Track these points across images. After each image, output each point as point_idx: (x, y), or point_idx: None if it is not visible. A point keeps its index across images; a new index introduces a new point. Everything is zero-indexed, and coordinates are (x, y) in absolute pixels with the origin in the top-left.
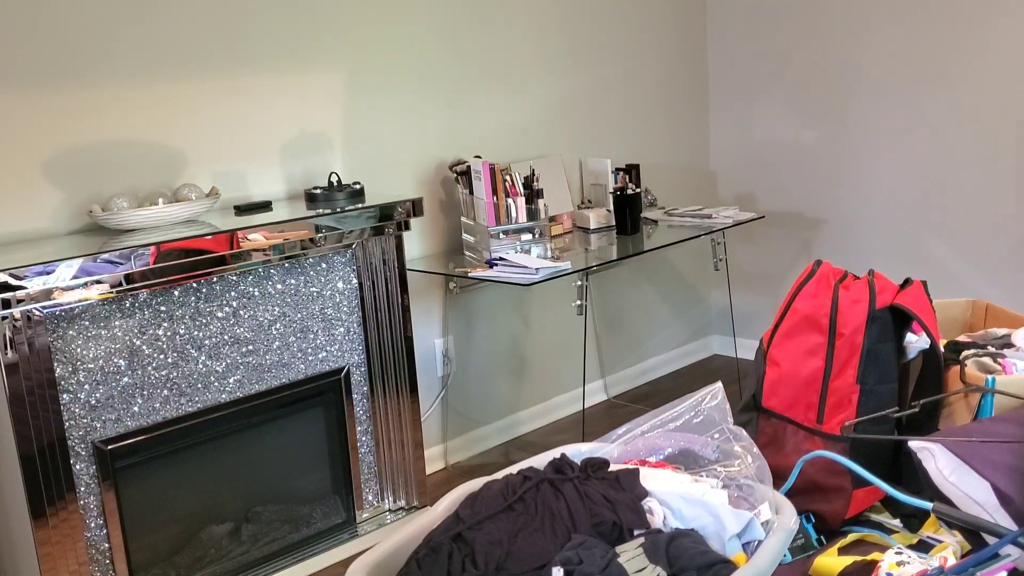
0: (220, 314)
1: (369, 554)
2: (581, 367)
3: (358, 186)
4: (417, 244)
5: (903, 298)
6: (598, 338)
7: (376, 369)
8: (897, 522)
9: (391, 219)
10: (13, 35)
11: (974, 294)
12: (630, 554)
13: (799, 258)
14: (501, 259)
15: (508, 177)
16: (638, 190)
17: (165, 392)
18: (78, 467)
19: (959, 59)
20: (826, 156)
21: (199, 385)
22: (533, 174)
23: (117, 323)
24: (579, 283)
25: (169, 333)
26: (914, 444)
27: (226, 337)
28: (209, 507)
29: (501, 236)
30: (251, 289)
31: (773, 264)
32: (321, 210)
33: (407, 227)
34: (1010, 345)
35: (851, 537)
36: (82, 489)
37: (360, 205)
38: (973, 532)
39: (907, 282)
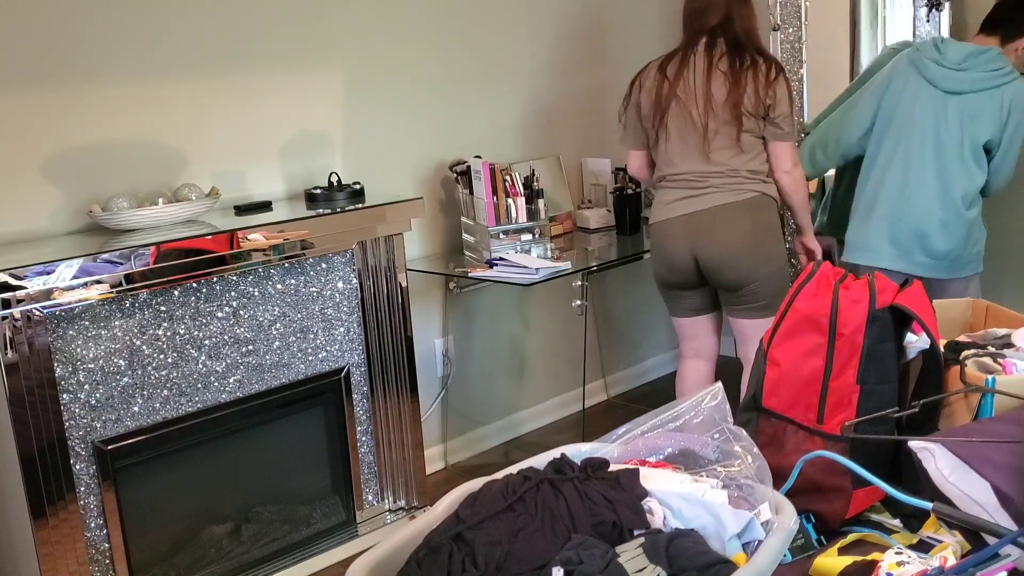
0: (220, 314)
1: (369, 554)
2: (581, 367)
3: (358, 186)
4: (417, 244)
5: (903, 298)
6: (598, 338)
7: (376, 369)
8: (897, 522)
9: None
10: (13, 35)
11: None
12: (630, 554)
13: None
14: (501, 259)
15: (508, 177)
16: (638, 190)
17: (165, 392)
18: (78, 467)
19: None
20: None
21: (199, 385)
22: (533, 174)
23: (117, 323)
24: (579, 283)
25: (169, 333)
26: (914, 444)
27: (226, 337)
28: (209, 507)
29: (501, 236)
30: (251, 289)
31: None
32: (321, 210)
33: (407, 227)
34: (1010, 345)
35: (851, 537)
36: (82, 489)
37: (360, 205)
38: (973, 532)
39: (907, 282)
